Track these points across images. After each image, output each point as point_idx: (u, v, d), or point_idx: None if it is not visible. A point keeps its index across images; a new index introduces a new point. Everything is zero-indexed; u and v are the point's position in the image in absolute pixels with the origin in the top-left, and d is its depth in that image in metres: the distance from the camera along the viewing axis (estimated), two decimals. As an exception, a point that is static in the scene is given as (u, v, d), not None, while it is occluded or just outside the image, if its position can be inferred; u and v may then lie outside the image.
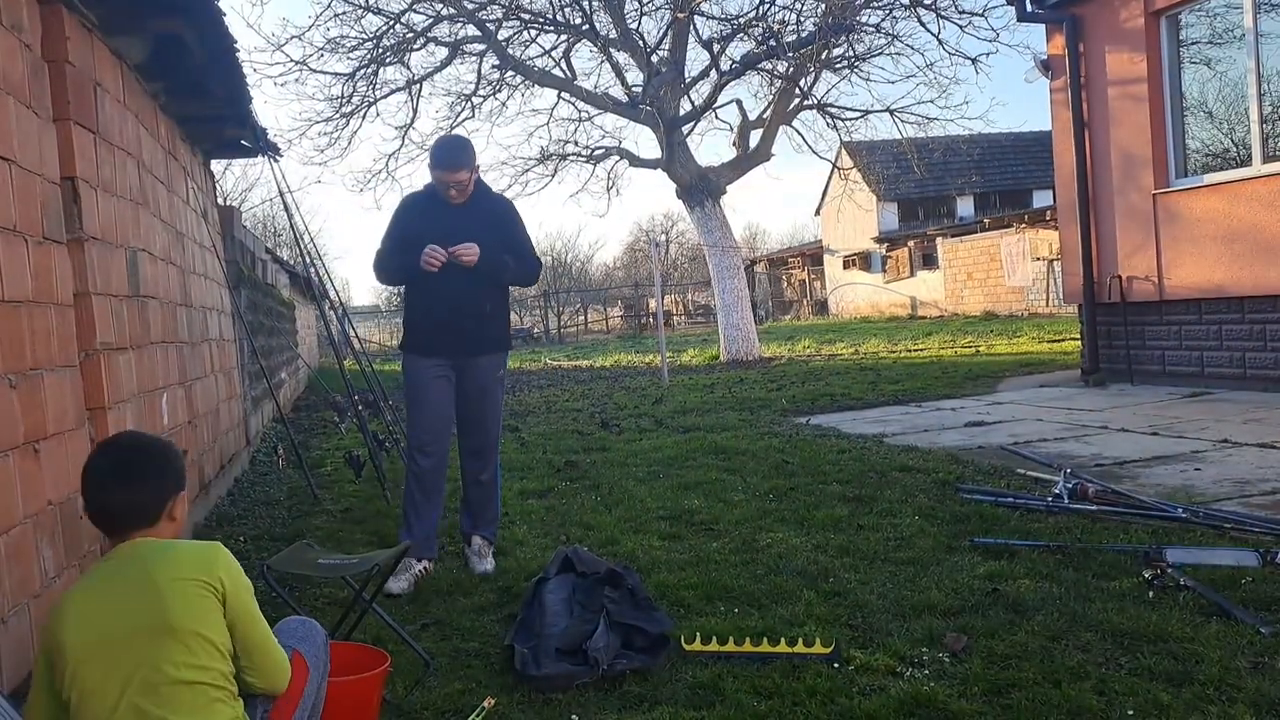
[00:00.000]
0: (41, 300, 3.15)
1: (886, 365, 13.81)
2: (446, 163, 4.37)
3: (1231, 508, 4.48)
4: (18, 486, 2.84)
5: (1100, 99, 9.35)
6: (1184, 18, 8.80)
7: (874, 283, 33.62)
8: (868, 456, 6.41)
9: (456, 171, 4.37)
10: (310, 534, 5.13)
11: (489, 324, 4.53)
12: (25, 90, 3.19)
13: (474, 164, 4.45)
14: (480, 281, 4.43)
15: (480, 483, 4.59)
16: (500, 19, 15.68)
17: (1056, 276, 22.31)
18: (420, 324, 4.51)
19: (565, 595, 3.61)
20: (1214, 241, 8.31)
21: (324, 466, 7.74)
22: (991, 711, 2.66)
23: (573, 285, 45.75)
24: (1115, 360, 9.50)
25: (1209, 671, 2.76)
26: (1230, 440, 6.15)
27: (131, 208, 4.48)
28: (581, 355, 23.37)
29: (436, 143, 4.61)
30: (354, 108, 16.38)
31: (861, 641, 3.22)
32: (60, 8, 3.56)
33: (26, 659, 2.80)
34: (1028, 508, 4.67)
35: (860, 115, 17.26)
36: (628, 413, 10.05)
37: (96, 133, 3.94)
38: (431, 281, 4.36)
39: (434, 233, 4.34)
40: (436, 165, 4.40)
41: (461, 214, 4.43)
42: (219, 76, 5.29)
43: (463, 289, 4.40)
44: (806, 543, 4.43)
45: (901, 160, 22.77)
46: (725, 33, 15.99)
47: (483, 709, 2.71)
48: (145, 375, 4.44)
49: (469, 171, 4.41)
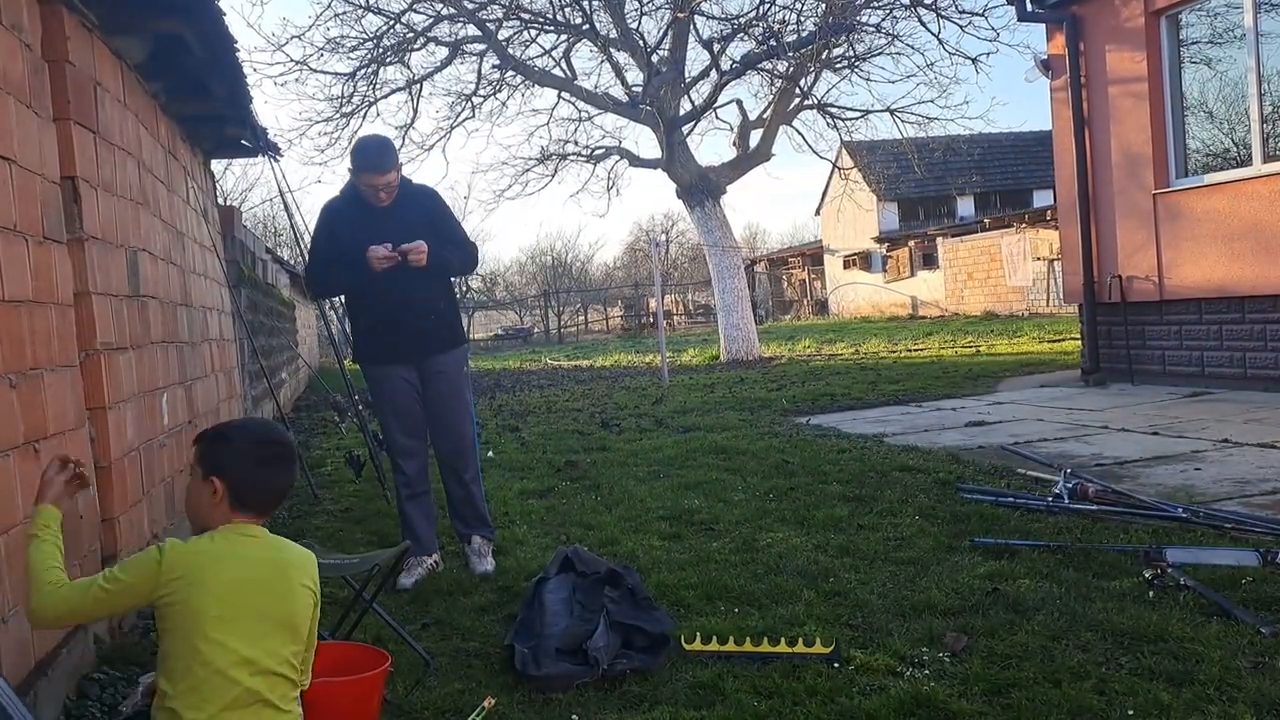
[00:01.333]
0: (42, 300, 3.15)
1: (887, 365, 13.81)
2: (376, 165, 4.22)
3: (1232, 507, 4.47)
4: (18, 486, 2.84)
5: (1100, 98, 9.35)
6: (1184, 17, 8.80)
7: (874, 282, 33.62)
8: (868, 456, 6.40)
9: (387, 173, 4.22)
10: (310, 534, 5.13)
11: (444, 320, 4.46)
12: (25, 90, 3.19)
13: (399, 162, 4.33)
14: (429, 279, 4.32)
15: (464, 483, 4.55)
16: (500, 19, 15.68)
17: (1057, 276, 22.31)
18: (376, 330, 4.42)
19: (565, 595, 3.61)
20: (1214, 241, 8.31)
21: (324, 466, 7.74)
22: (991, 711, 2.66)
23: (573, 285, 45.76)
24: (1115, 360, 9.50)
25: (1209, 671, 2.76)
26: (1230, 440, 6.14)
27: (132, 207, 4.48)
28: (582, 355, 23.37)
29: (360, 145, 4.41)
30: (354, 108, 16.40)
31: (861, 641, 3.22)
32: (60, 7, 3.56)
33: (26, 659, 2.80)
34: (1028, 508, 4.67)
35: (860, 115, 17.29)
36: (628, 412, 10.05)
37: (97, 132, 3.93)
38: (379, 287, 4.23)
39: (368, 237, 4.18)
40: (365, 169, 4.22)
41: (391, 214, 4.29)
42: (219, 76, 5.28)
43: (413, 289, 4.28)
44: (807, 542, 4.43)
45: (902, 160, 22.78)
46: (725, 32, 16.00)
47: (483, 709, 2.70)
48: (145, 375, 4.44)
49: (397, 171, 4.27)
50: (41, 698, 2.80)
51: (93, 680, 3.18)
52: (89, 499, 3.50)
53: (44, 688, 2.83)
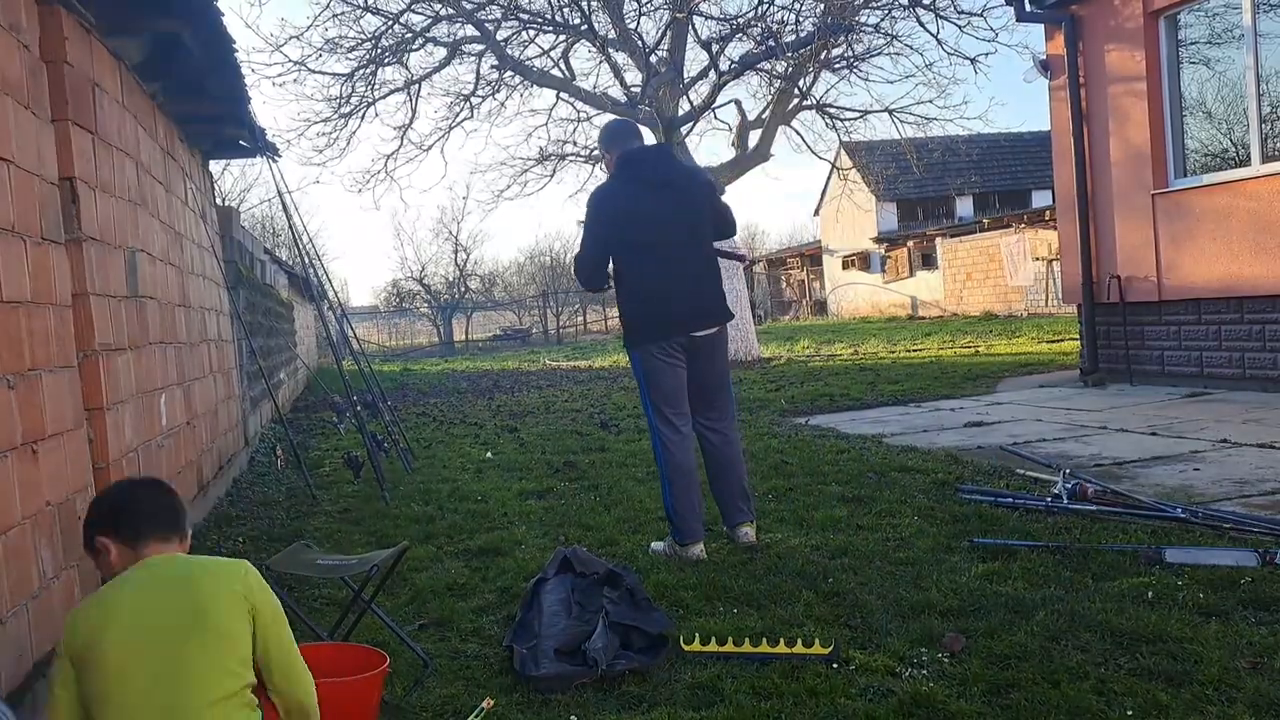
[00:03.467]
0: (40, 301, 3.15)
1: (886, 365, 13.81)
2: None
3: (1231, 508, 4.47)
4: (15, 487, 2.83)
5: (1099, 99, 9.36)
6: (1183, 17, 8.80)
7: (873, 283, 33.62)
8: (867, 457, 6.40)
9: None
10: (309, 535, 5.13)
11: (721, 293, 4.54)
12: (23, 90, 3.18)
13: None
14: (709, 250, 4.52)
15: (733, 442, 4.59)
16: (499, 19, 15.67)
17: (1056, 276, 22.32)
18: (664, 300, 4.39)
19: (564, 595, 3.60)
20: (1213, 241, 8.31)
21: (323, 467, 7.74)
22: (991, 711, 2.66)
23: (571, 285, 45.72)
24: (1114, 360, 9.51)
25: (1208, 671, 2.76)
26: (1229, 440, 6.15)
27: (130, 208, 4.48)
28: (580, 356, 23.36)
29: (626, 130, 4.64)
30: (352, 108, 16.36)
31: (861, 642, 3.21)
32: (58, 8, 3.55)
33: (25, 659, 2.79)
34: (1027, 508, 4.67)
35: (859, 115, 17.27)
36: (627, 413, 10.05)
37: (95, 133, 3.93)
38: (670, 259, 4.34)
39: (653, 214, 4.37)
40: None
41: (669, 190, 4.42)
42: (217, 76, 5.29)
43: (698, 259, 4.45)
44: (806, 543, 4.43)
45: (900, 160, 22.76)
46: (724, 33, 15.98)
47: (481, 709, 2.70)
48: (143, 376, 4.44)
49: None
50: (40, 699, 2.79)
51: (91, 681, 3.17)
52: (88, 500, 3.49)
53: (43, 689, 2.82)
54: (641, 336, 4.40)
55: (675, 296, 4.36)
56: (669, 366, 4.37)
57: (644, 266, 4.36)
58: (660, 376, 4.38)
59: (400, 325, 44.21)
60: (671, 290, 4.36)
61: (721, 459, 4.53)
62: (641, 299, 4.39)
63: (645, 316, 4.39)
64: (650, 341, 4.37)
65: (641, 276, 4.38)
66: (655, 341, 4.36)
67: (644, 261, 4.36)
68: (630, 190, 4.40)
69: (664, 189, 4.40)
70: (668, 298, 4.36)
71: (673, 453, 4.38)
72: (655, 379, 4.39)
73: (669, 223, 4.37)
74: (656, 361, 4.37)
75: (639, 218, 4.35)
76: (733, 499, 4.49)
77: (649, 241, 4.34)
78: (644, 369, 4.41)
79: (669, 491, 4.38)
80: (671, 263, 4.36)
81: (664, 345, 4.36)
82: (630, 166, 4.45)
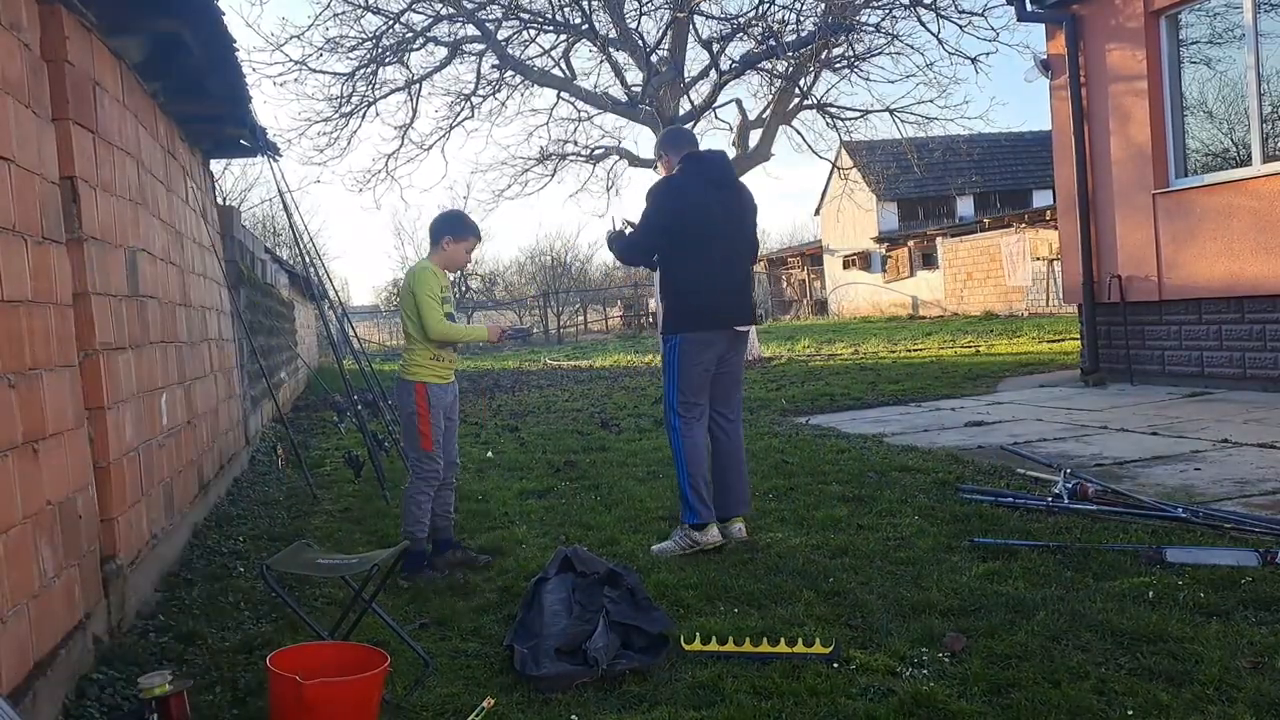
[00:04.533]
0: (41, 300, 3.15)
1: (886, 365, 13.81)
2: (477, 232, 4.68)
3: (1231, 508, 4.47)
4: (16, 486, 2.83)
5: (1100, 98, 9.35)
6: (1184, 17, 8.80)
7: (874, 282, 33.62)
8: (867, 456, 6.40)
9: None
10: (309, 534, 5.13)
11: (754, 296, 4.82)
12: (24, 90, 3.18)
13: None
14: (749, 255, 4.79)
15: (739, 439, 4.73)
16: (500, 19, 15.68)
17: (1057, 276, 22.32)
18: (716, 292, 4.58)
19: (565, 595, 3.60)
20: (1214, 241, 8.31)
21: (323, 466, 7.73)
22: (991, 711, 2.66)
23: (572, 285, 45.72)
24: (1115, 360, 9.50)
25: (1209, 671, 2.76)
26: (1230, 440, 6.14)
27: (131, 207, 4.48)
28: (581, 355, 23.37)
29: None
30: (353, 107, 16.37)
31: (861, 641, 3.21)
32: (59, 7, 3.55)
33: (26, 659, 2.79)
34: (1028, 508, 4.67)
35: (860, 115, 17.27)
36: (627, 412, 10.05)
37: (95, 132, 3.93)
38: (727, 254, 4.57)
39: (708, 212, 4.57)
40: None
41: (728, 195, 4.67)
42: (218, 76, 5.28)
43: (745, 258, 4.74)
44: (806, 543, 4.43)
45: (901, 160, 22.76)
46: (725, 32, 15.99)
47: (482, 709, 2.70)
48: (144, 375, 4.44)
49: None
50: (40, 698, 2.79)
51: (91, 680, 3.17)
52: (88, 499, 3.49)
53: (43, 688, 2.82)
54: (691, 323, 4.56)
55: (728, 289, 4.59)
56: (702, 359, 4.54)
57: (702, 257, 4.56)
58: (693, 366, 4.54)
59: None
60: (725, 283, 4.58)
61: (728, 452, 4.66)
62: (696, 288, 4.56)
63: (698, 305, 4.56)
64: (698, 329, 4.53)
65: (700, 266, 4.56)
66: (703, 329, 4.53)
67: (703, 253, 4.56)
68: (698, 185, 4.61)
69: (727, 189, 4.68)
70: (722, 290, 4.57)
71: (694, 440, 4.54)
72: (687, 368, 4.55)
73: (728, 221, 4.62)
74: (693, 351, 4.53)
75: (705, 211, 4.56)
76: (733, 492, 4.61)
77: (710, 235, 4.57)
78: (680, 356, 4.57)
79: (686, 476, 4.52)
80: (729, 258, 4.61)
81: (706, 336, 4.54)
82: (698, 164, 4.67)
